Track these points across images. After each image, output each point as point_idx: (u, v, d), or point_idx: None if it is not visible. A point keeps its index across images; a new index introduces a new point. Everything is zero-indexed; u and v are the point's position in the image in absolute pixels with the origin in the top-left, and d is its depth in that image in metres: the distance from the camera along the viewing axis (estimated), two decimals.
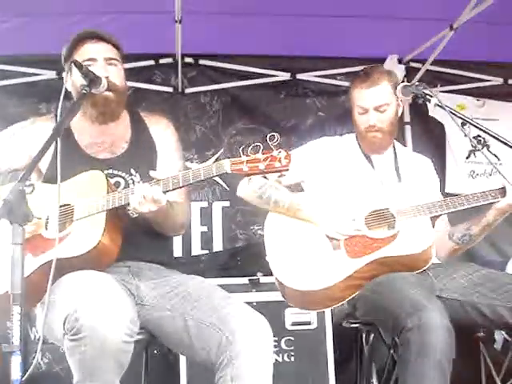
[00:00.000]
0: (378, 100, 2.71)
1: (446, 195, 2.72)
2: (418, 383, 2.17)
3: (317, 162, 2.78)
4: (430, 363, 2.14)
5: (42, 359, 4.00)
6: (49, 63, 4.33)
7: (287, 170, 2.02)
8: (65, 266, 2.06)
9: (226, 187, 4.57)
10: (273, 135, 2.01)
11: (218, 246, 4.52)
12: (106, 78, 2.30)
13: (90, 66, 2.31)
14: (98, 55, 2.38)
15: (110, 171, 2.40)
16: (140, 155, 2.45)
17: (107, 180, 2.29)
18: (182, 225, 2.49)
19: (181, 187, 2.16)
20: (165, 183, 2.15)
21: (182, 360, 3.53)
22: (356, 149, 2.84)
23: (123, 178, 2.42)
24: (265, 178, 2.15)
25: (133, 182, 2.39)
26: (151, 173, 2.19)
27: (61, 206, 2.20)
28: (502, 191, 2.46)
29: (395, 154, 2.84)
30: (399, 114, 2.80)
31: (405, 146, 3.42)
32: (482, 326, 2.51)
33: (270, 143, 2.01)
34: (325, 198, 2.67)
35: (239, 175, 2.80)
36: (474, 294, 2.42)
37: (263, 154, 2.01)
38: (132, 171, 2.42)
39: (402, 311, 2.24)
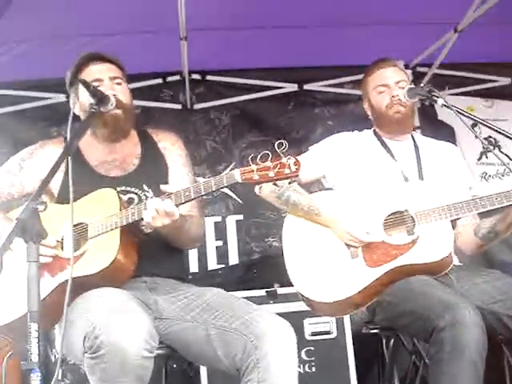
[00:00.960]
0: (398, 76, 2.76)
1: None
2: (452, 382, 2.15)
3: (337, 157, 2.77)
4: (464, 362, 2.13)
5: (63, 380, 4.01)
6: (58, 86, 4.33)
7: (297, 176, 2.03)
8: (82, 285, 2.07)
9: (239, 201, 4.62)
10: (281, 143, 2.01)
11: (233, 259, 4.52)
12: (114, 96, 2.32)
13: (97, 86, 2.33)
14: (103, 75, 2.42)
15: (123, 188, 2.42)
16: (151, 170, 2.47)
17: (119, 197, 2.31)
18: (196, 238, 2.50)
19: (193, 199, 2.17)
20: (177, 196, 2.16)
21: (203, 374, 3.52)
22: (376, 142, 2.81)
23: (136, 194, 2.43)
24: (275, 185, 2.14)
25: (146, 198, 2.40)
26: (162, 187, 2.20)
27: (74, 226, 2.24)
28: None
29: (415, 145, 2.80)
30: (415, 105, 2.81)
31: None
32: (503, 334, 2.47)
33: (278, 151, 2.02)
34: (344, 199, 2.65)
35: (251, 187, 2.83)
36: (496, 303, 2.38)
37: (272, 161, 2.02)
38: (144, 187, 2.44)
39: (431, 313, 2.22)
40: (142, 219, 2.18)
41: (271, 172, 2.01)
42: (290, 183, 2.07)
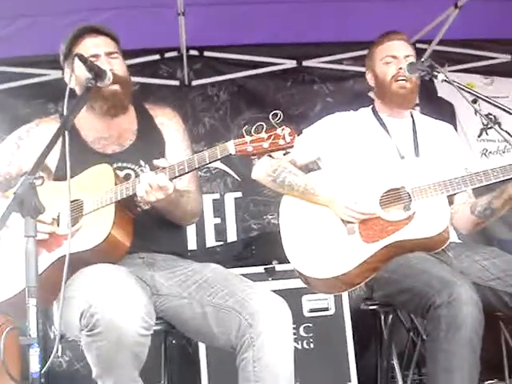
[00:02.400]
0: (407, 50, 2.75)
1: None
2: (448, 360, 2.16)
3: (332, 138, 2.74)
4: (460, 339, 2.14)
5: (62, 357, 4.03)
6: (54, 63, 4.27)
7: (292, 147, 2.00)
8: (78, 261, 2.06)
9: (238, 178, 4.61)
10: (275, 113, 1.98)
11: (232, 236, 4.52)
12: (111, 70, 2.30)
13: (94, 61, 2.31)
14: (99, 50, 2.39)
15: (120, 164, 2.41)
16: (148, 146, 2.45)
17: (114, 173, 2.29)
18: (194, 213, 2.49)
19: (186, 173, 2.16)
20: (170, 170, 2.14)
21: (202, 349, 3.54)
22: (373, 120, 2.79)
23: (133, 169, 2.42)
24: (270, 156, 2.11)
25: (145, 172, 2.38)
26: (155, 161, 2.18)
27: (71, 202, 2.20)
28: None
29: (413, 122, 2.79)
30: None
31: None
32: (501, 311, 2.47)
33: (273, 121, 1.99)
34: (340, 178, 2.64)
35: (250, 165, 2.81)
36: (495, 280, 2.38)
37: (267, 132, 1.99)
38: (141, 162, 2.42)
39: (429, 289, 2.23)
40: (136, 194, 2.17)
41: (265, 143, 1.99)
42: (284, 154, 2.03)
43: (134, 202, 2.32)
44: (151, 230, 2.39)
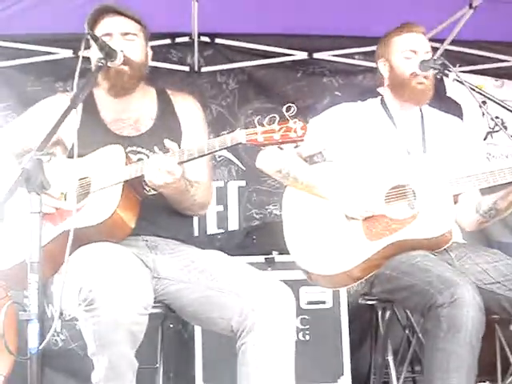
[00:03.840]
0: (427, 45, 2.69)
1: None
2: (446, 359, 2.16)
3: (337, 129, 2.71)
4: (460, 340, 2.14)
5: (58, 336, 4.04)
6: (65, 42, 4.32)
7: (302, 140, 2.00)
8: (80, 237, 2.07)
9: (242, 167, 4.61)
10: (289, 106, 1.99)
11: (233, 225, 4.51)
12: (121, 51, 2.29)
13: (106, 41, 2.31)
14: (114, 30, 2.38)
15: (134, 148, 2.42)
16: (165, 133, 2.42)
17: (126, 154, 2.30)
18: (201, 205, 2.47)
19: (195, 158, 2.16)
20: (180, 154, 2.15)
21: (198, 333, 3.56)
22: (381, 113, 2.76)
23: (146, 155, 2.42)
24: (280, 148, 2.09)
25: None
26: (166, 142, 2.18)
27: (79, 179, 2.28)
28: None
29: (422, 117, 2.76)
30: None
31: None
32: (498, 315, 2.47)
33: (286, 114, 1.99)
34: (345, 172, 2.62)
35: (255, 154, 2.81)
36: (496, 284, 2.38)
37: (279, 124, 2.00)
38: (156, 149, 2.42)
39: (430, 288, 2.22)
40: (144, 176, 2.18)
41: (276, 134, 1.99)
42: (295, 147, 2.04)
43: (142, 185, 2.32)
44: (157, 215, 2.39)
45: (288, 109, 1.99)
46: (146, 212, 2.32)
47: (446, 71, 2.46)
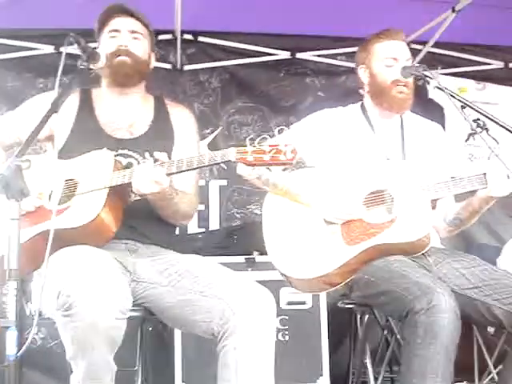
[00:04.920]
0: (407, 53, 2.68)
1: None
2: (422, 365, 2.18)
3: (317, 136, 2.71)
4: (436, 346, 2.16)
5: (37, 334, 4.01)
6: (47, 38, 4.29)
7: (291, 164, 2.05)
8: (62, 238, 2.07)
9: (224, 166, 4.59)
10: (282, 129, 2.07)
11: (214, 224, 4.50)
12: (126, 46, 2.43)
13: (114, 36, 2.46)
14: (122, 27, 2.48)
15: (125, 151, 2.44)
16: (157, 140, 2.46)
17: (114, 160, 2.33)
18: (184, 214, 2.49)
19: (184, 171, 2.20)
20: (169, 166, 2.18)
21: (177, 335, 3.56)
22: (361, 119, 2.76)
23: (136, 159, 2.44)
24: (268, 169, 2.20)
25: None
26: (155, 153, 2.21)
27: (66, 180, 2.29)
28: (485, 178, 2.41)
29: (402, 123, 2.76)
30: None
31: None
32: (475, 320, 2.50)
33: (278, 135, 2.07)
34: (324, 177, 2.63)
35: None
36: (473, 289, 2.40)
37: (270, 146, 2.05)
38: (146, 155, 2.44)
39: (408, 294, 2.23)
40: (131, 184, 2.19)
41: (267, 156, 2.05)
42: (283, 170, 2.08)
43: (128, 191, 2.33)
44: (139, 221, 2.40)
45: (280, 131, 2.07)
46: (128, 217, 2.33)
47: (428, 78, 2.47)
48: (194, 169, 2.19)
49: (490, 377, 4.23)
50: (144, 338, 2.60)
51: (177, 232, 4.27)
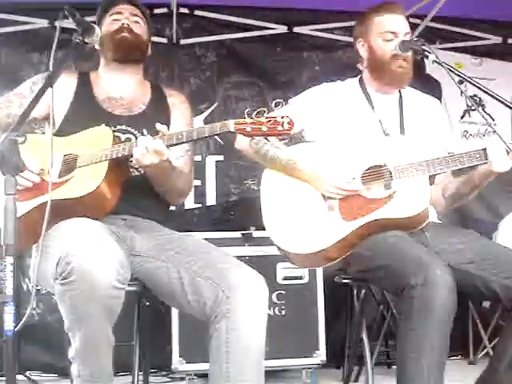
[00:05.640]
0: (407, 26, 2.65)
1: None
2: (418, 339, 2.19)
3: (316, 109, 2.69)
4: (432, 321, 2.16)
5: (35, 310, 4.03)
6: (40, 11, 4.24)
7: (289, 134, 2.14)
8: (62, 209, 2.09)
9: (221, 141, 4.58)
10: (278, 102, 2.14)
11: (211, 200, 4.51)
12: (128, 25, 2.52)
13: (117, 19, 2.55)
14: (124, 10, 2.59)
15: (124, 127, 2.48)
16: (155, 118, 2.46)
17: (113, 135, 2.35)
18: (180, 191, 2.54)
19: (184, 143, 2.24)
20: (169, 137, 2.21)
21: (174, 311, 3.57)
22: (359, 94, 2.74)
23: (134, 135, 2.47)
24: (266, 139, 2.24)
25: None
26: (157, 125, 2.23)
27: (65, 155, 2.31)
28: (485, 154, 2.40)
29: (401, 98, 2.74)
30: None
31: None
32: (472, 294, 2.51)
33: (275, 109, 2.16)
34: (322, 152, 2.62)
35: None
36: (470, 264, 2.40)
37: (267, 118, 2.10)
38: (144, 131, 2.45)
39: (404, 269, 2.24)
40: (132, 156, 2.21)
41: (264, 127, 2.10)
42: (280, 140, 2.10)
43: (128, 166, 2.37)
44: (137, 196, 2.42)
45: (277, 104, 2.15)
46: (127, 193, 2.34)
47: (426, 52, 2.45)
48: (195, 140, 2.23)
49: (484, 351, 4.29)
50: (141, 312, 2.60)
51: (173, 207, 4.30)
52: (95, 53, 2.63)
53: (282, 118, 2.09)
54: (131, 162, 2.29)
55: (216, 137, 4.44)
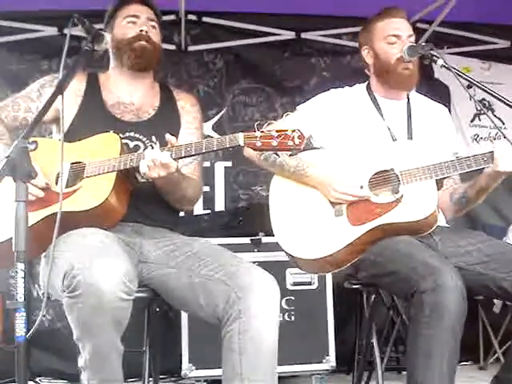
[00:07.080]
0: (409, 30, 2.67)
1: None
2: (428, 345, 2.18)
3: (324, 116, 2.70)
4: (442, 326, 2.15)
5: (44, 316, 4.04)
6: (50, 19, 4.27)
7: (300, 149, 2.07)
8: (70, 220, 2.08)
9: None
10: (288, 114, 2.11)
11: (220, 205, 4.51)
12: (146, 32, 2.48)
13: (133, 22, 2.50)
14: (141, 14, 2.53)
15: (132, 134, 2.45)
16: (164, 124, 2.47)
17: (121, 143, 2.33)
18: (190, 200, 2.52)
19: (192, 155, 2.21)
20: (177, 150, 2.18)
21: (184, 317, 3.58)
22: (367, 100, 2.75)
23: (143, 142, 2.45)
24: (276, 154, 2.18)
25: (152, 149, 2.38)
26: (167, 135, 2.20)
27: (73, 164, 2.29)
28: (492, 156, 2.39)
29: (409, 104, 2.75)
30: None
31: None
32: (483, 295, 2.49)
33: (284, 117, 2.12)
34: (330, 159, 2.63)
35: None
36: (479, 265, 2.40)
37: (277, 131, 2.05)
38: (153, 138, 2.45)
39: (414, 274, 2.23)
40: (139, 167, 2.19)
41: (274, 141, 2.06)
42: (290, 155, 2.07)
43: (135, 175, 2.34)
44: (146, 203, 2.41)
45: (286, 116, 2.12)
46: (135, 199, 2.33)
47: (434, 57, 2.45)
48: (203, 153, 2.19)
49: (495, 356, 4.27)
50: (151, 319, 2.60)
51: (182, 213, 4.31)
52: (105, 54, 2.56)
53: (293, 131, 2.05)
54: (139, 171, 2.25)
55: None
